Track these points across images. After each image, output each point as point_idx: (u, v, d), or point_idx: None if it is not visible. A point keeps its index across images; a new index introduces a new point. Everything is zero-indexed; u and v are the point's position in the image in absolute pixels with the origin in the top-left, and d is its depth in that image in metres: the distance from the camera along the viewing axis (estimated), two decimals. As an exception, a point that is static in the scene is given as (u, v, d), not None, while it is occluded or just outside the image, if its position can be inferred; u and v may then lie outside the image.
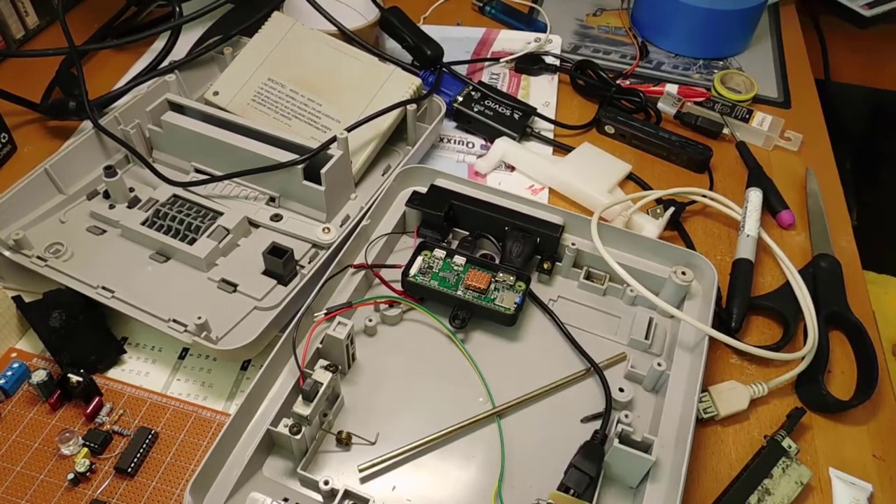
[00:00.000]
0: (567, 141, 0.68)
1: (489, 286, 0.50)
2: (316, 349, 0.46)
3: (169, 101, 0.60)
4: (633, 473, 0.42)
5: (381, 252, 0.54)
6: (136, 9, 0.82)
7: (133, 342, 0.51)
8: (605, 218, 0.57)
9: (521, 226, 0.53)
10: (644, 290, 0.49)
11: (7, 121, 0.65)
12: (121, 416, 0.47)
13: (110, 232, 0.56)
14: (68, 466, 0.44)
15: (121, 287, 0.50)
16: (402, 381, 0.48)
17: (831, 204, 0.63)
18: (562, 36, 0.82)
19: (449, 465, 0.44)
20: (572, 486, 0.41)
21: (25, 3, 0.77)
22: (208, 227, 0.54)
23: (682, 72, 0.79)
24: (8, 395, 0.47)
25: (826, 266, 0.56)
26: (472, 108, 0.68)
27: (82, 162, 0.58)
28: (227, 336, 0.48)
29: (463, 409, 0.46)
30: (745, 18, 0.79)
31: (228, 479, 0.41)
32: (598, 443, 0.43)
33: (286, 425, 0.41)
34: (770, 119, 0.69)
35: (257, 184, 0.58)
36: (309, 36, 0.65)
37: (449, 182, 0.57)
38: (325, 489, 0.40)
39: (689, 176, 0.67)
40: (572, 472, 0.42)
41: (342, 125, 0.60)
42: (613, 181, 0.62)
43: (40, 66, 0.71)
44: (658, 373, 0.46)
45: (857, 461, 0.47)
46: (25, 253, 0.52)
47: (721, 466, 0.46)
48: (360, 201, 0.58)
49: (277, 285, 0.52)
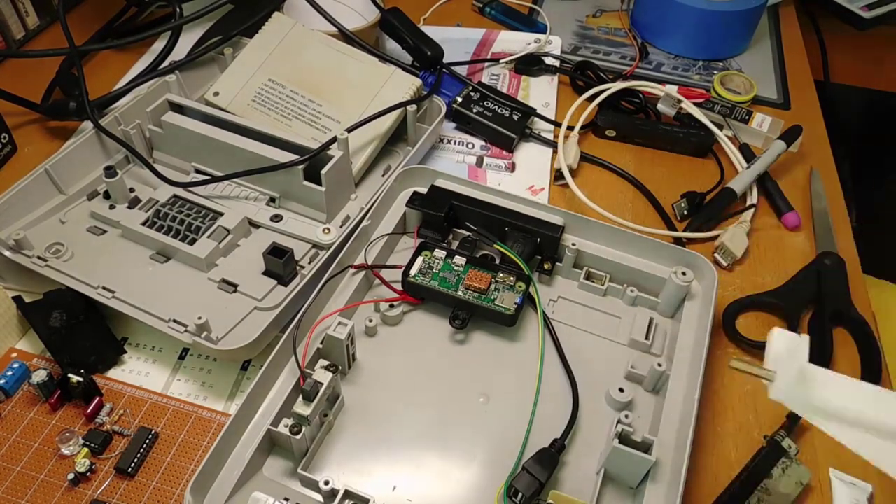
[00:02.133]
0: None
1: (489, 286, 0.50)
2: (316, 349, 0.46)
3: (169, 102, 0.60)
4: (633, 474, 0.42)
5: (381, 252, 0.54)
6: (137, 9, 0.82)
7: (133, 342, 0.51)
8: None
9: (522, 226, 0.53)
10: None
11: (7, 121, 0.65)
12: (121, 417, 0.47)
13: (111, 232, 0.56)
14: (68, 466, 0.44)
15: (121, 287, 0.50)
16: (402, 382, 0.48)
17: (831, 205, 0.63)
18: (562, 37, 0.82)
19: (449, 465, 0.44)
20: (521, 489, 0.41)
21: (26, 4, 0.77)
22: (208, 227, 0.54)
23: (681, 73, 0.79)
24: (8, 396, 0.47)
25: (830, 264, 0.56)
26: (472, 109, 0.68)
27: (82, 162, 0.58)
28: (227, 336, 0.48)
29: (463, 410, 0.47)
30: (745, 20, 0.79)
31: (229, 479, 0.41)
32: (554, 450, 0.43)
33: (286, 425, 0.41)
34: (769, 120, 0.69)
35: (257, 184, 0.58)
36: (309, 37, 0.65)
37: (449, 182, 0.57)
38: (325, 489, 0.40)
39: (693, 162, 0.68)
40: (522, 475, 0.41)
41: (342, 126, 0.60)
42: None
43: (41, 66, 0.71)
44: (658, 373, 0.47)
45: (856, 461, 0.47)
46: (26, 253, 0.52)
47: (721, 466, 0.46)
48: (361, 202, 0.59)
49: (277, 286, 0.52)
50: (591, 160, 0.67)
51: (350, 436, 0.45)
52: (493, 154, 0.68)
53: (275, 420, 0.43)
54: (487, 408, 0.47)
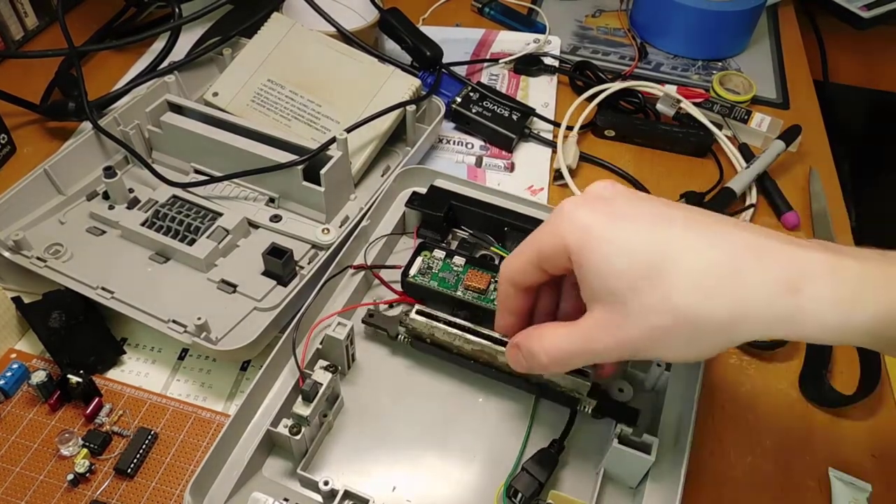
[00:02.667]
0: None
1: (489, 286, 0.50)
2: (316, 350, 0.46)
3: (168, 102, 0.60)
4: (633, 474, 0.42)
5: (380, 253, 0.54)
6: (136, 10, 0.82)
7: (133, 343, 0.51)
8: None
9: (522, 226, 0.53)
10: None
11: (7, 122, 0.65)
12: (120, 417, 0.47)
13: (110, 233, 0.56)
14: (68, 467, 0.44)
15: (120, 288, 0.50)
16: (401, 382, 0.48)
17: (830, 205, 0.63)
18: (561, 37, 0.82)
19: (449, 464, 0.44)
20: (521, 489, 0.41)
21: (25, 4, 0.77)
22: (208, 227, 0.54)
23: (680, 73, 0.79)
24: (7, 396, 0.47)
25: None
26: (471, 109, 0.68)
27: (82, 163, 0.58)
28: (226, 337, 0.48)
29: (463, 409, 0.47)
30: (744, 19, 0.79)
31: (228, 479, 0.41)
32: (554, 451, 0.43)
33: (286, 426, 0.41)
34: (769, 120, 0.69)
35: (257, 185, 0.58)
36: (308, 37, 0.65)
37: (449, 183, 0.57)
38: (325, 489, 0.40)
39: (692, 162, 0.68)
40: (522, 475, 0.42)
41: (342, 126, 0.60)
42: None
43: (40, 67, 0.71)
44: (657, 373, 0.46)
45: (856, 461, 0.47)
46: (25, 254, 0.52)
47: (719, 466, 0.46)
48: (360, 202, 0.59)
49: (277, 286, 0.52)
50: (590, 160, 0.67)
51: (349, 436, 0.45)
52: (493, 154, 0.68)
53: (274, 420, 0.43)
54: (487, 407, 0.47)
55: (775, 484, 0.46)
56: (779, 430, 0.48)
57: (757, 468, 0.46)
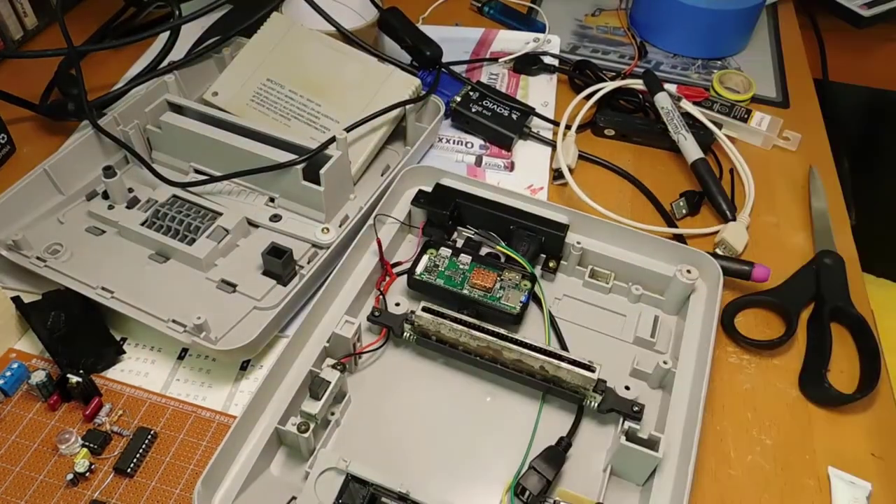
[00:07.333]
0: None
1: (495, 285, 0.50)
2: (323, 348, 0.47)
3: (168, 102, 0.60)
4: (641, 471, 0.42)
5: (386, 251, 0.53)
6: (135, 9, 0.82)
7: (132, 342, 0.51)
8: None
9: (527, 225, 0.53)
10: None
11: (6, 121, 0.65)
12: (120, 417, 0.47)
13: (109, 232, 0.56)
14: (67, 467, 0.44)
15: (120, 287, 0.50)
16: (408, 380, 0.48)
17: (830, 204, 0.63)
18: (560, 36, 0.82)
19: (457, 462, 0.44)
20: (529, 487, 0.41)
21: (24, 4, 0.77)
22: (207, 227, 0.54)
23: (680, 72, 0.79)
24: (7, 396, 0.47)
25: (830, 262, 0.56)
26: (470, 109, 0.68)
27: (81, 162, 0.58)
28: (226, 336, 0.48)
29: (470, 408, 0.47)
30: (744, 18, 0.79)
31: (237, 476, 0.41)
32: (561, 448, 0.43)
33: (294, 423, 0.42)
34: (769, 119, 0.69)
35: (256, 184, 0.58)
36: (308, 36, 0.65)
37: (454, 181, 0.57)
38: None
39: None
40: (530, 473, 0.42)
41: (341, 125, 0.60)
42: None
43: (39, 66, 0.71)
44: (664, 370, 0.47)
45: (856, 460, 0.47)
46: (24, 253, 0.52)
47: (720, 464, 0.46)
48: (359, 201, 0.58)
49: (277, 285, 0.52)
50: (590, 159, 0.67)
51: (357, 433, 0.45)
52: (492, 153, 0.68)
53: (282, 418, 0.43)
54: (493, 404, 0.47)
55: (775, 483, 0.46)
56: (779, 428, 0.48)
57: (757, 467, 0.46)
